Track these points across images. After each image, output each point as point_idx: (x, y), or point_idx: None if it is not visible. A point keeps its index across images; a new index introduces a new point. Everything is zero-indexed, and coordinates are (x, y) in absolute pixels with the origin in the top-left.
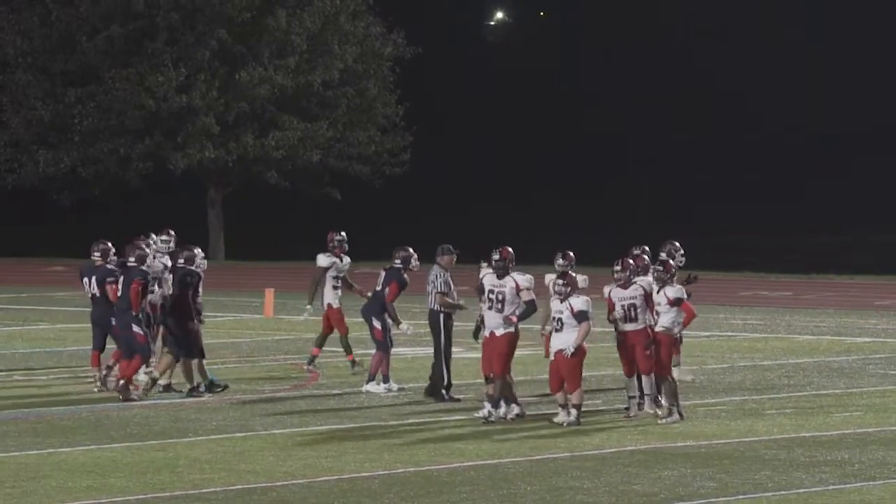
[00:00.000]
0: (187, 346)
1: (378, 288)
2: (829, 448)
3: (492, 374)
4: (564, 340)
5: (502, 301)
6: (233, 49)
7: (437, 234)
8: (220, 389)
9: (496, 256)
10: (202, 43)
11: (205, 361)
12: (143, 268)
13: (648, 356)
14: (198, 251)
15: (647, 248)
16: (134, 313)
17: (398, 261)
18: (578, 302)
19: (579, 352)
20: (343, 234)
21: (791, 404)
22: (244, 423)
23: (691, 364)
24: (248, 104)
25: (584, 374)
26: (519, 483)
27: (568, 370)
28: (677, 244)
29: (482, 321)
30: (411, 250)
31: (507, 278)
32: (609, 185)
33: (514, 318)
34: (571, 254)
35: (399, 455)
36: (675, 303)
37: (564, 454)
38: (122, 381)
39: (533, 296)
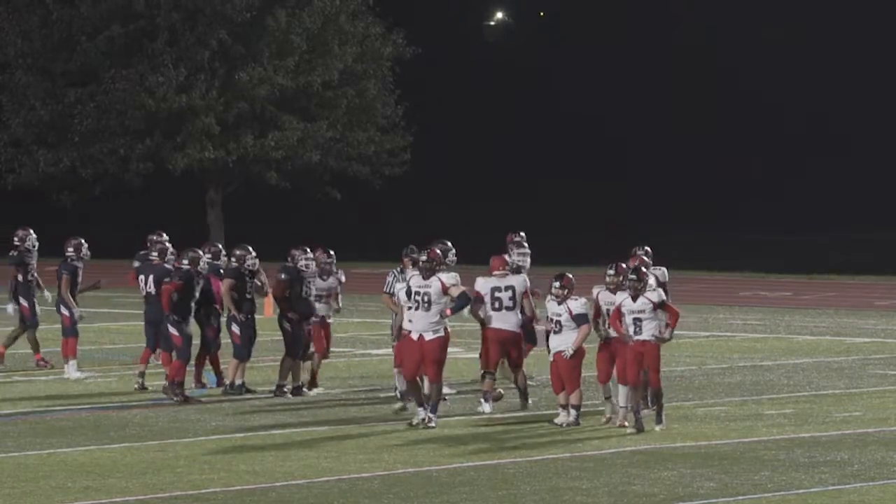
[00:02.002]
0: (287, 345)
1: None
2: (829, 448)
3: (425, 378)
4: (563, 341)
5: (429, 301)
6: (233, 49)
7: (438, 234)
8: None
9: (423, 257)
10: (202, 43)
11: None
12: (192, 269)
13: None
14: (307, 251)
15: (648, 249)
16: (167, 313)
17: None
18: (577, 305)
19: (578, 353)
20: (522, 234)
21: (790, 405)
22: (243, 423)
23: (691, 364)
24: (247, 104)
25: (584, 375)
26: (519, 483)
27: (567, 371)
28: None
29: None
30: (449, 244)
31: (433, 279)
32: (609, 184)
33: (450, 312)
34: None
35: (399, 455)
36: (660, 306)
37: (564, 454)
38: (169, 382)
39: (463, 289)
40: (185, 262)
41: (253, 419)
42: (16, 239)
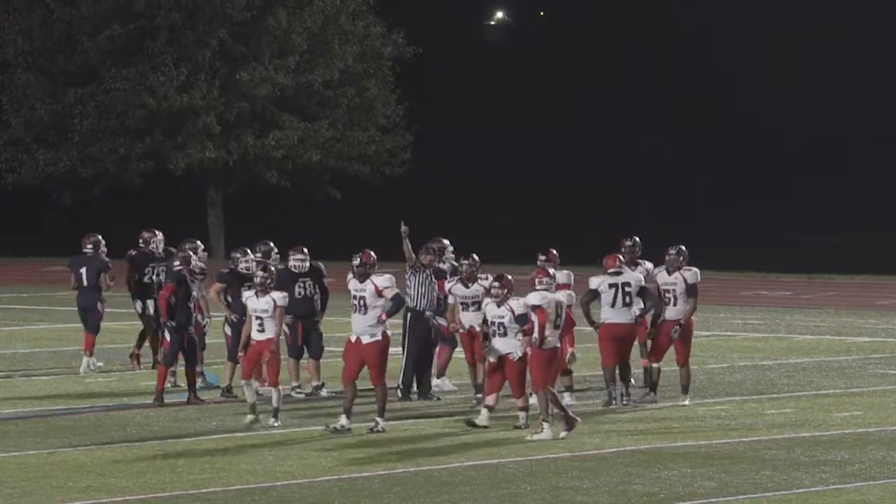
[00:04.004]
0: (287, 346)
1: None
2: (829, 448)
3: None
4: (510, 344)
5: (365, 305)
6: (233, 49)
7: (438, 234)
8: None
9: (357, 261)
10: (203, 42)
11: (206, 361)
12: (184, 269)
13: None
14: (304, 251)
15: (637, 240)
16: (163, 320)
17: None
18: (518, 305)
19: (524, 356)
20: (636, 238)
21: (791, 404)
22: (244, 422)
23: (691, 364)
24: (248, 104)
25: (581, 374)
26: (519, 483)
27: (513, 375)
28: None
29: None
30: (446, 242)
31: (367, 282)
32: (610, 184)
33: (385, 316)
34: (554, 251)
35: (399, 455)
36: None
37: (564, 454)
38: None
39: (396, 290)
40: (177, 262)
41: None
42: (140, 241)
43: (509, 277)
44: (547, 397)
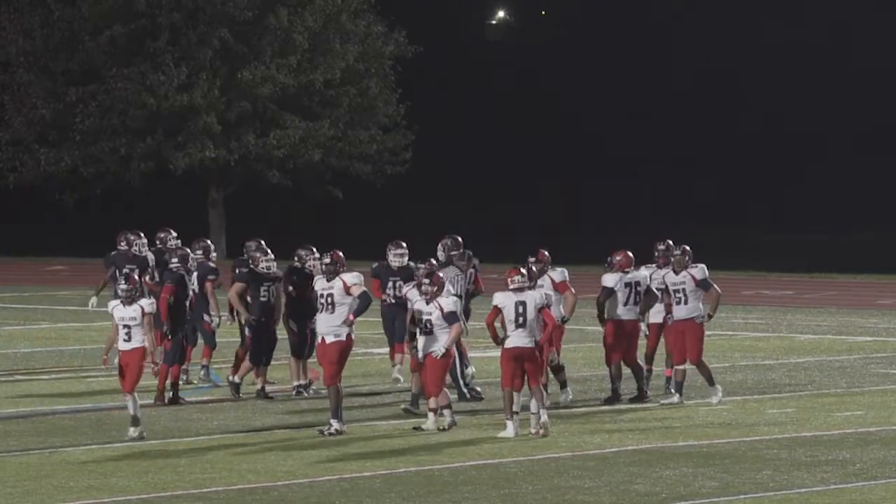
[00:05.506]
0: (292, 346)
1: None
2: (831, 447)
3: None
4: (436, 342)
5: (332, 304)
6: (234, 48)
7: (438, 233)
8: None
9: (327, 260)
10: (204, 42)
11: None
12: (182, 268)
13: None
14: (313, 251)
15: (671, 243)
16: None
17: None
18: (448, 303)
19: (448, 354)
20: (669, 241)
21: (792, 404)
22: (245, 422)
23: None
24: (249, 103)
25: (584, 374)
26: (520, 483)
27: (433, 373)
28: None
29: None
30: (459, 239)
31: (336, 279)
32: (611, 183)
33: (353, 317)
34: (545, 252)
35: (400, 454)
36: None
37: (566, 454)
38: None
39: (364, 288)
40: (175, 261)
41: (254, 418)
42: (123, 241)
43: (440, 275)
44: (507, 396)
